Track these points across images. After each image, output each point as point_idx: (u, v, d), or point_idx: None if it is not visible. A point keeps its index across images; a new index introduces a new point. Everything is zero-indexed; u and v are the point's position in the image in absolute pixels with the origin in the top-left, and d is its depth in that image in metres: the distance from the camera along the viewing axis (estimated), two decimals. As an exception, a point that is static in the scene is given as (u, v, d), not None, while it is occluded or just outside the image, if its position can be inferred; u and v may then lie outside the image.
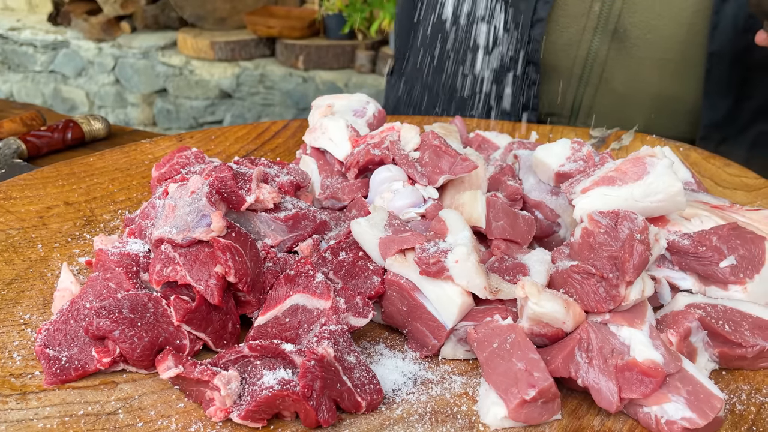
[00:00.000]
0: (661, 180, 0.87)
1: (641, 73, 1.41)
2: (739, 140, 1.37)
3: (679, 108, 1.43)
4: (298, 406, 0.70)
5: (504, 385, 0.72)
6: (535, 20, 1.40)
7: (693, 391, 0.70)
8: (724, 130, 1.39)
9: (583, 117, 1.48)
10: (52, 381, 0.74)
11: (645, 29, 1.35)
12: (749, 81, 1.35)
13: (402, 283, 0.83)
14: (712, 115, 1.38)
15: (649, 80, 1.41)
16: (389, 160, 1.02)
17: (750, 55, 1.32)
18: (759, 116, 1.42)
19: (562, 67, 1.44)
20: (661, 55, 1.39)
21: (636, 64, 1.40)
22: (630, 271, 0.74)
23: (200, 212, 0.82)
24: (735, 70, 1.34)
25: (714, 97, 1.38)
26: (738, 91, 1.37)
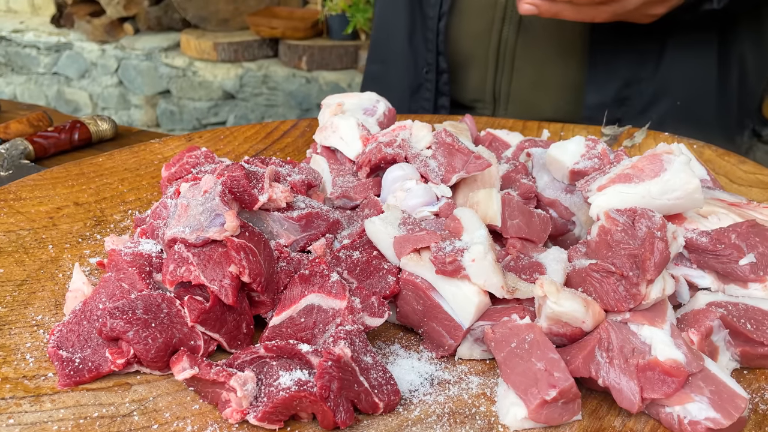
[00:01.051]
0: (678, 177, 0.86)
1: (548, 61, 1.47)
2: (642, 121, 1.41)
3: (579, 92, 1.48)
4: (316, 407, 0.69)
5: (523, 386, 0.71)
6: (441, 13, 1.50)
7: (716, 391, 0.69)
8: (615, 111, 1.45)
9: (504, 103, 1.55)
10: (66, 383, 0.73)
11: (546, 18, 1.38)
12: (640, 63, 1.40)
13: (417, 282, 0.82)
14: (598, 96, 1.44)
15: (554, 68, 1.48)
16: (401, 159, 1.01)
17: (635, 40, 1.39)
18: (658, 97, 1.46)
19: (478, 56, 1.53)
20: (563, 43, 1.45)
21: (541, 52, 1.47)
22: (651, 269, 0.73)
23: (214, 212, 0.81)
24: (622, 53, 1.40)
25: (599, 79, 1.43)
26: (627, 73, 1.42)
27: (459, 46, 1.53)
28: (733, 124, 1.55)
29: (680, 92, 1.46)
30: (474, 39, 1.50)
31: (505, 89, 1.53)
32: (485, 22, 1.48)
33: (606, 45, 1.41)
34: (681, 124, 1.41)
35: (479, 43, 1.50)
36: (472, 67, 1.54)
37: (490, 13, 1.47)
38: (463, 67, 1.56)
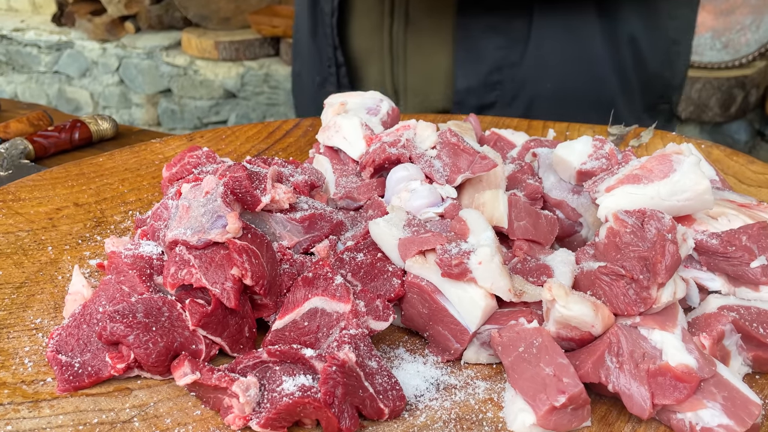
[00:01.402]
0: (688, 178, 0.84)
1: (433, 54, 1.49)
2: (514, 106, 1.44)
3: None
4: (320, 413, 0.67)
5: (532, 391, 0.70)
6: (332, 9, 1.55)
7: (729, 397, 0.68)
8: (486, 96, 1.47)
9: (404, 96, 1.58)
10: (65, 388, 0.72)
11: (427, 12, 1.44)
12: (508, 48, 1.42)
13: (423, 285, 0.81)
14: (466, 81, 1.46)
15: (441, 59, 1.50)
16: (406, 159, 1.00)
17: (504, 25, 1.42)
18: (531, 81, 1.47)
19: (373, 51, 1.56)
20: (443, 35, 1.47)
21: (428, 44, 1.50)
22: (662, 273, 0.72)
23: (215, 213, 0.80)
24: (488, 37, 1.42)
25: (466, 65, 1.45)
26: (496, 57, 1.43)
27: (356, 41, 1.58)
28: (639, 107, 1.54)
29: (554, 75, 1.45)
30: (368, 34, 1.55)
31: (402, 82, 1.56)
32: (376, 18, 1.51)
33: (472, 30, 1.43)
34: (557, 107, 1.44)
35: (373, 38, 1.54)
36: (370, 61, 1.58)
37: (379, 9, 1.50)
38: (363, 61, 1.60)
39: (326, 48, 1.63)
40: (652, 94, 1.55)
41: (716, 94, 3.38)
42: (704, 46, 3.38)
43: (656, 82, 1.54)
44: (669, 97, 1.59)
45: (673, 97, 1.60)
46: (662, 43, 1.52)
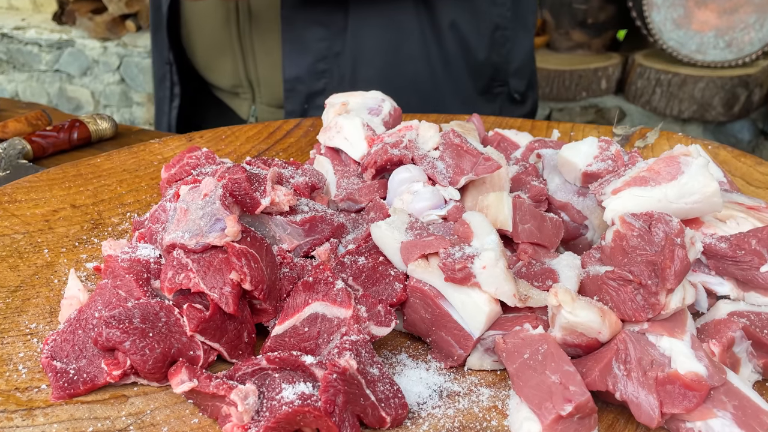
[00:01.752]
0: (696, 180, 0.83)
1: (274, 47, 1.54)
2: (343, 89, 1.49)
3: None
4: (320, 422, 0.66)
5: (537, 399, 0.68)
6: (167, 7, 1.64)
7: (740, 406, 0.66)
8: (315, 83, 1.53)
9: (259, 88, 1.64)
10: (60, 395, 0.70)
11: (266, 5, 1.49)
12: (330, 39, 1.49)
13: (425, 289, 0.79)
14: (294, 70, 1.52)
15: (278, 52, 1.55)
16: (408, 160, 0.98)
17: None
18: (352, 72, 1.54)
19: (225, 43, 1.60)
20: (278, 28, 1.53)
21: (269, 38, 1.55)
22: (671, 278, 0.70)
23: (214, 216, 0.78)
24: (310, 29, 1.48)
25: (292, 56, 1.51)
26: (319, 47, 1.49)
27: (206, 34, 1.62)
28: (472, 92, 1.61)
29: (376, 64, 1.52)
30: (218, 27, 1.59)
31: (255, 75, 1.62)
32: (224, 11, 1.56)
33: (296, 23, 1.49)
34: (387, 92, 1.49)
35: (223, 31, 1.58)
36: (223, 54, 1.63)
37: (225, 6, 1.56)
38: (216, 54, 1.64)
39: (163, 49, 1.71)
40: (482, 78, 1.60)
41: (719, 93, 3.35)
42: (707, 44, 3.36)
43: (485, 67, 1.60)
44: (504, 80, 1.64)
45: (511, 81, 1.65)
46: (485, 28, 1.57)
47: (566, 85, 3.49)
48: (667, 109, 3.38)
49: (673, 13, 3.34)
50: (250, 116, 1.72)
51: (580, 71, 3.46)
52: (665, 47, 3.34)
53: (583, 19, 3.60)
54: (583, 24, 3.61)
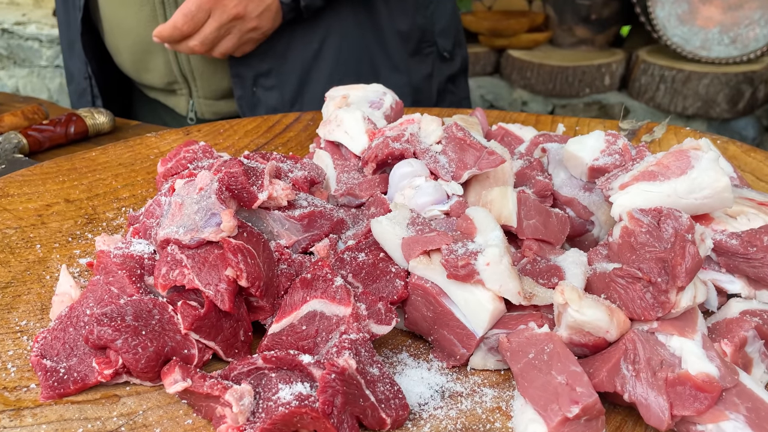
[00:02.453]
0: (706, 175, 0.80)
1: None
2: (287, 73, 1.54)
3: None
4: (318, 424, 0.63)
5: (543, 401, 0.66)
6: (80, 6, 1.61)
7: (753, 408, 0.64)
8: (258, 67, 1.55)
9: (193, 81, 1.63)
10: (49, 395, 0.68)
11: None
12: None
13: (427, 287, 0.77)
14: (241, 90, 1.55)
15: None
16: (410, 154, 0.96)
17: None
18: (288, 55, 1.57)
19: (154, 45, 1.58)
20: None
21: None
22: (682, 276, 0.68)
23: (209, 211, 0.76)
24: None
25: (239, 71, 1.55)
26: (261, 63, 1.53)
27: (132, 36, 1.60)
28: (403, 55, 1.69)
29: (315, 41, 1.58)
30: (143, 27, 1.57)
31: (188, 69, 1.61)
32: (149, 9, 1.55)
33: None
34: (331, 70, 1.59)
35: (150, 30, 1.56)
36: (153, 53, 1.61)
37: (150, 2, 1.54)
38: (145, 54, 1.63)
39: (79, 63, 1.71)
40: (411, 41, 1.69)
41: (724, 89, 3.32)
42: (712, 41, 3.33)
43: (414, 31, 1.69)
44: (432, 41, 1.74)
45: (438, 41, 1.75)
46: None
47: (569, 81, 3.47)
48: (671, 106, 3.35)
49: (678, 8, 3.31)
50: (189, 111, 1.71)
51: (583, 67, 3.43)
52: (669, 43, 3.31)
53: (587, 14, 3.57)
54: (587, 20, 3.58)
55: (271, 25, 1.48)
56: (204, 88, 1.65)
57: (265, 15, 1.45)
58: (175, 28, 1.37)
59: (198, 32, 1.40)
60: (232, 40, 1.44)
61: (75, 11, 1.68)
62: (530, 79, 3.51)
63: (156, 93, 1.76)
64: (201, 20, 1.38)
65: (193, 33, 1.40)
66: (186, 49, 1.43)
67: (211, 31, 1.39)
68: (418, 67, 1.74)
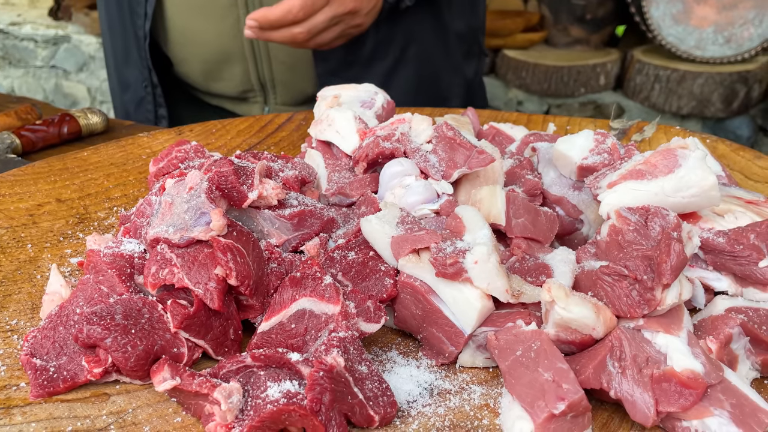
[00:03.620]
0: (693, 173, 0.81)
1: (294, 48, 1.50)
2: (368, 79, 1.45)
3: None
4: (306, 421, 0.64)
5: (530, 398, 0.66)
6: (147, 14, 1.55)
7: (737, 404, 0.64)
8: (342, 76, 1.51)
9: (273, 89, 1.63)
10: (39, 393, 0.68)
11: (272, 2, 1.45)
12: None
13: (416, 285, 0.77)
14: (326, 65, 1.53)
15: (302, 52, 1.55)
16: (400, 153, 0.96)
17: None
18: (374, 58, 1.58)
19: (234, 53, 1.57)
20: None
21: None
22: (667, 273, 0.68)
23: (199, 210, 0.76)
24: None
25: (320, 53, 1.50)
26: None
27: (208, 46, 1.58)
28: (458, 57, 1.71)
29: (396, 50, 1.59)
30: (224, 38, 1.56)
31: (269, 77, 1.60)
32: (232, 20, 1.53)
33: None
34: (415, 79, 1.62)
35: (232, 39, 1.55)
36: (231, 62, 1.60)
37: (234, 12, 1.52)
38: (222, 63, 1.61)
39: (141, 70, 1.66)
40: (465, 42, 1.72)
41: (718, 89, 3.33)
42: (706, 40, 3.33)
43: (468, 32, 1.72)
44: (478, 40, 1.78)
45: (480, 38, 1.79)
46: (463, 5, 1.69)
47: (564, 81, 3.47)
48: (666, 105, 3.36)
49: (672, 8, 3.32)
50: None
51: (578, 67, 3.43)
52: (664, 43, 3.32)
53: (582, 14, 3.57)
54: (582, 20, 3.59)
55: (369, 24, 1.44)
56: (283, 95, 1.64)
57: (371, 13, 1.42)
58: (288, 12, 1.27)
59: (308, 20, 1.31)
60: (334, 32, 1.37)
61: (135, 19, 1.62)
62: (525, 78, 3.51)
63: (222, 101, 1.73)
64: (318, 8, 1.30)
65: (303, 20, 1.30)
66: (283, 37, 1.32)
67: (323, 21, 1.31)
68: (468, 67, 1.74)
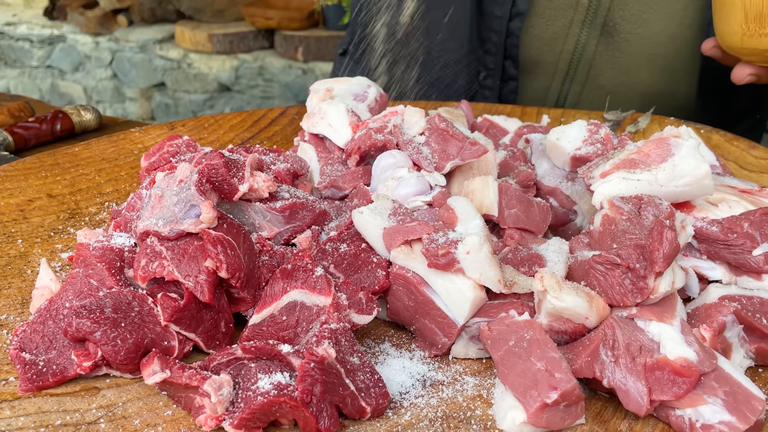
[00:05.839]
0: (686, 162, 0.80)
1: (630, 69, 1.36)
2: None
3: (669, 104, 1.38)
4: (297, 413, 0.63)
5: (522, 387, 0.66)
6: (514, 13, 1.35)
7: (731, 392, 0.64)
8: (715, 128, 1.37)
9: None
10: (28, 388, 0.68)
11: (635, 23, 1.31)
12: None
13: (408, 276, 0.77)
14: (707, 113, 1.36)
15: (638, 76, 1.37)
16: (393, 146, 0.96)
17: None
18: (745, 114, 1.41)
19: (546, 62, 1.39)
20: (651, 51, 1.35)
21: (625, 59, 1.36)
22: (660, 261, 0.68)
23: (189, 202, 0.76)
24: (727, 67, 1.24)
25: (708, 95, 1.34)
26: (730, 90, 1.31)
27: (526, 51, 1.40)
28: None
29: None
30: (545, 44, 1.37)
31: (573, 99, 1.42)
32: (562, 26, 1.35)
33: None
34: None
35: (551, 48, 1.37)
36: (536, 74, 1.42)
37: (570, 15, 1.33)
38: (525, 74, 1.43)
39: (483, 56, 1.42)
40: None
41: (715, 83, 3.33)
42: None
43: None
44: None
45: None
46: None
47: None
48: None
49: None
50: None
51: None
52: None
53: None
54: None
55: None
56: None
57: None
58: None
59: None
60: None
61: None
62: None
63: None
64: None
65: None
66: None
67: None
68: None
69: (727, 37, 1.06)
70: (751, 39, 1.02)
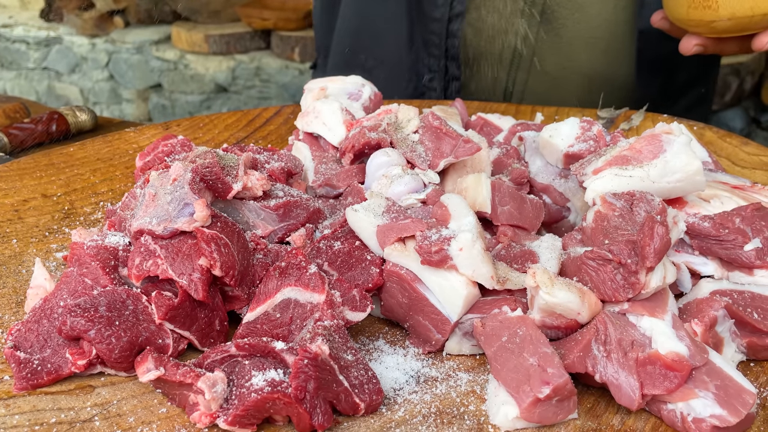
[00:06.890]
0: (678, 158, 0.81)
1: (572, 54, 1.40)
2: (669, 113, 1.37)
3: (610, 86, 1.42)
4: (291, 409, 0.64)
5: (515, 383, 0.66)
6: (452, 15, 1.37)
7: (722, 386, 0.64)
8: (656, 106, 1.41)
9: (516, 101, 1.48)
10: (23, 386, 0.68)
11: (572, 8, 1.36)
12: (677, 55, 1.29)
13: (402, 273, 0.77)
14: (647, 91, 1.39)
15: (579, 60, 1.41)
16: (386, 144, 0.96)
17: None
18: (686, 89, 1.46)
19: (490, 54, 1.43)
20: (589, 34, 1.39)
21: (566, 45, 1.40)
22: (651, 256, 0.68)
23: (182, 201, 0.76)
24: (665, 45, 1.31)
25: (646, 74, 1.38)
26: (668, 66, 1.37)
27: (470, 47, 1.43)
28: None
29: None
30: (487, 37, 1.40)
31: (519, 87, 1.45)
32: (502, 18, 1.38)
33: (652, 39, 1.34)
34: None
35: (493, 40, 1.40)
36: (481, 66, 1.45)
37: (508, 7, 1.37)
38: (471, 68, 1.46)
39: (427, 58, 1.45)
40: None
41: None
42: (699, 33, 3.34)
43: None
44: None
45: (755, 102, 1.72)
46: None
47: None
48: (658, 98, 3.36)
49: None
50: None
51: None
52: (655, 35, 3.33)
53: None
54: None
55: None
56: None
57: None
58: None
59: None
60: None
61: None
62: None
63: None
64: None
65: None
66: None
67: None
68: None
69: (673, 10, 1.11)
70: (696, 11, 1.07)
